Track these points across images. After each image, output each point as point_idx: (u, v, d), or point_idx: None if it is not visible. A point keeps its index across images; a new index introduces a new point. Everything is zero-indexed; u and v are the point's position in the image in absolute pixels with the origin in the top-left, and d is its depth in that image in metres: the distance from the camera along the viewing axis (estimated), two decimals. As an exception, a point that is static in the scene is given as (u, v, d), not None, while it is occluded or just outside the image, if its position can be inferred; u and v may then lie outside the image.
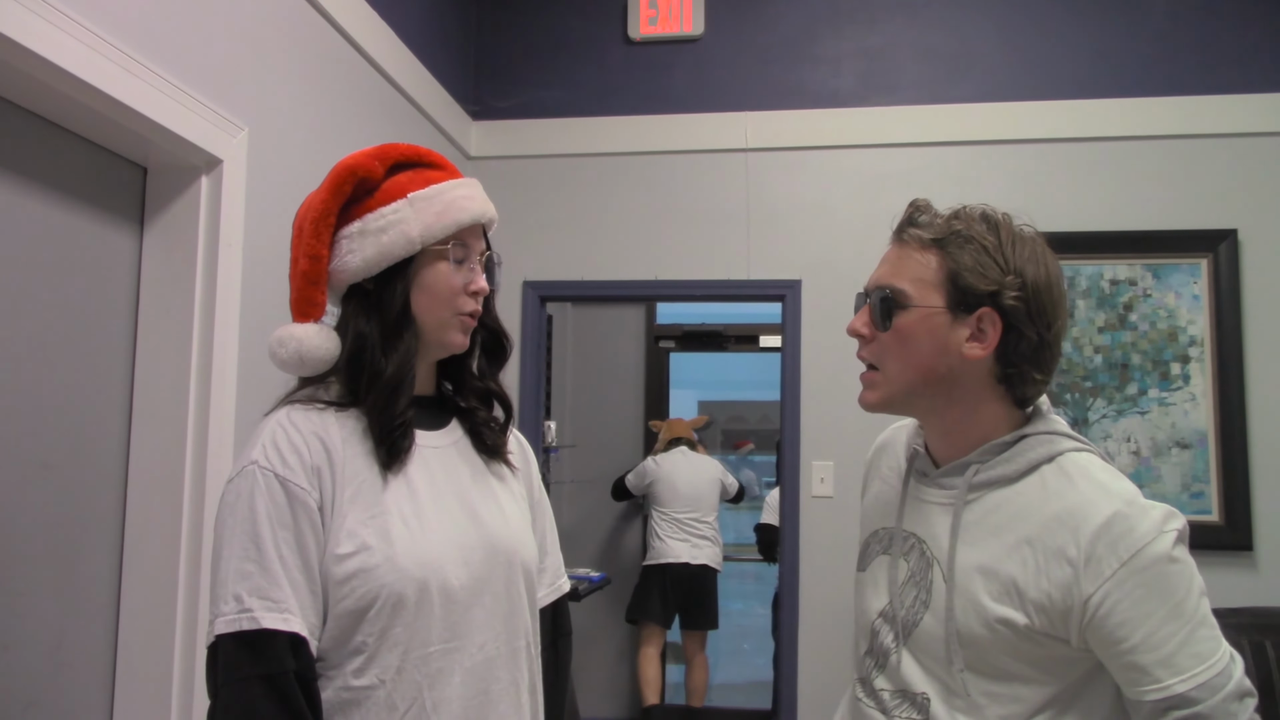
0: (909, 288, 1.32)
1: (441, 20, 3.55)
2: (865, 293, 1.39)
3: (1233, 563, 3.23)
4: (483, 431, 1.43)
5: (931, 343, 1.31)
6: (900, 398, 1.36)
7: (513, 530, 1.39)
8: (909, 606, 1.35)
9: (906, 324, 1.32)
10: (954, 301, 1.31)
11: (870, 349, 1.37)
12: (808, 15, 3.72)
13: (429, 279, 1.33)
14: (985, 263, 1.30)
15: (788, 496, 3.58)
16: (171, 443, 2.03)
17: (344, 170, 1.30)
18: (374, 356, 1.30)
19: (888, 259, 1.38)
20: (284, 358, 1.29)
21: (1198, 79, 3.44)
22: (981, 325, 1.30)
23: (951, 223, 1.34)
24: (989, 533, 1.30)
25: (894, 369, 1.34)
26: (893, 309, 1.32)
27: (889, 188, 3.56)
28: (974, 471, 1.33)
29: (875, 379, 1.37)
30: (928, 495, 1.39)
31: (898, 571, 1.39)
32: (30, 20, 1.57)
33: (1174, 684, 1.18)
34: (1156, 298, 3.38)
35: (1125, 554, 1.20)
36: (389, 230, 1.29)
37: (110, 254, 2.00)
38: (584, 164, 3.78)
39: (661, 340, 6.06)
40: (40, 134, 1.82)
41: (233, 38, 2.19)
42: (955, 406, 1.35)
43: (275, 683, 1.14)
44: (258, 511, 1.20)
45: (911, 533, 1.39)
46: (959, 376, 1.32)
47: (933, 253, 1.33)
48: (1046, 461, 1.31)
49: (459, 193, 1.35)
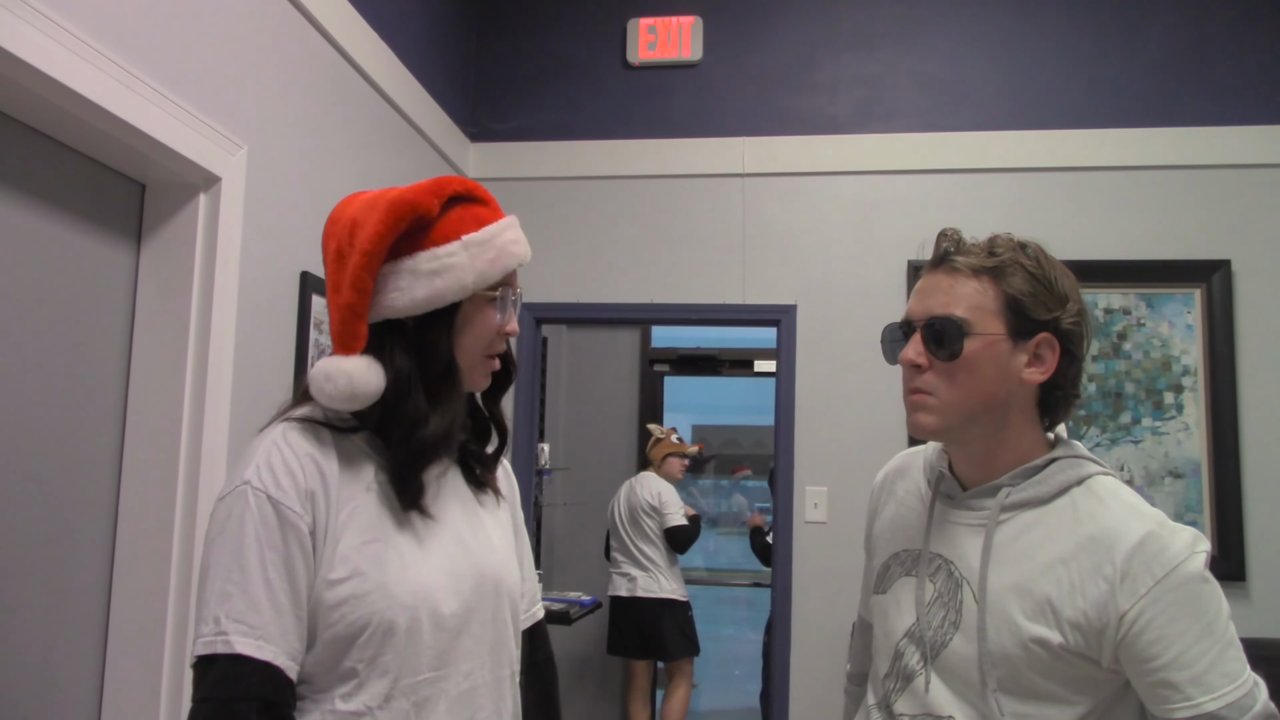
0: (969, 315, 1.32)
1: (441, 43, 3.57)
2: (907, 322, 1.38)
3: (1226, 593, 3.19)
4: (472, 464, 1.42)
5: (995, 370, 1.32)
6: (960, 425, 1.35)
7: (500, 559, 1.38)
8: (937, 627, 1.34)
9: (971, 352, 1.31)
10: (1014, 328, 1.32)
11: (927, 379, 1.34)
12: (806, 42, 3.74)
13: (475, 323, 1.32)
14: (1039, 290, 1.32)
15: (781, 522, 3.57)
16: (164, 460, 2.02)
17: (403, 205, 1.26)
18: (415, 401, 1.28)
19: (936, 288, 1.36)
20: (332, 392, 1.24)
21: (1192, 110, 3.47)
22: (1039, 351, 1.33)
23: (996, 251, 1.34)
24: (1022, 553, 1.31)
25: (954, 396, 1.33)
26: (959, 337, 1.31)
27: (885, 214, 3.58)
28: (1006, 494, 1.34)
29: (930, 403, 1.35)
30: (955, 517, 1.39)
31: (924, 592, 1.38)
32: (30, 35, 1.57)
33: (1205, 702, 1.19)
34: (1150, 327, 3.39)
35: (1160, 572, 1.22)
36: (443, 274, 1.27)
37: (107, 270, 2.00)
38: (581, 187, 3.80)
39: (656, 364, 6.07)
40: (38, 149, 1.82)
41: (233, 56, 2.20)
42: (1001, 431, 1.36)
43: (234, 708, 1.13)
44: (246, 533, 1.18)
45: (938, 554, 1.38)
46: (1013, 402, 1.34)
47: (987, 280, 1.33)
48: (1076, 484, 1.33)
49: (508, 236, 1.33)
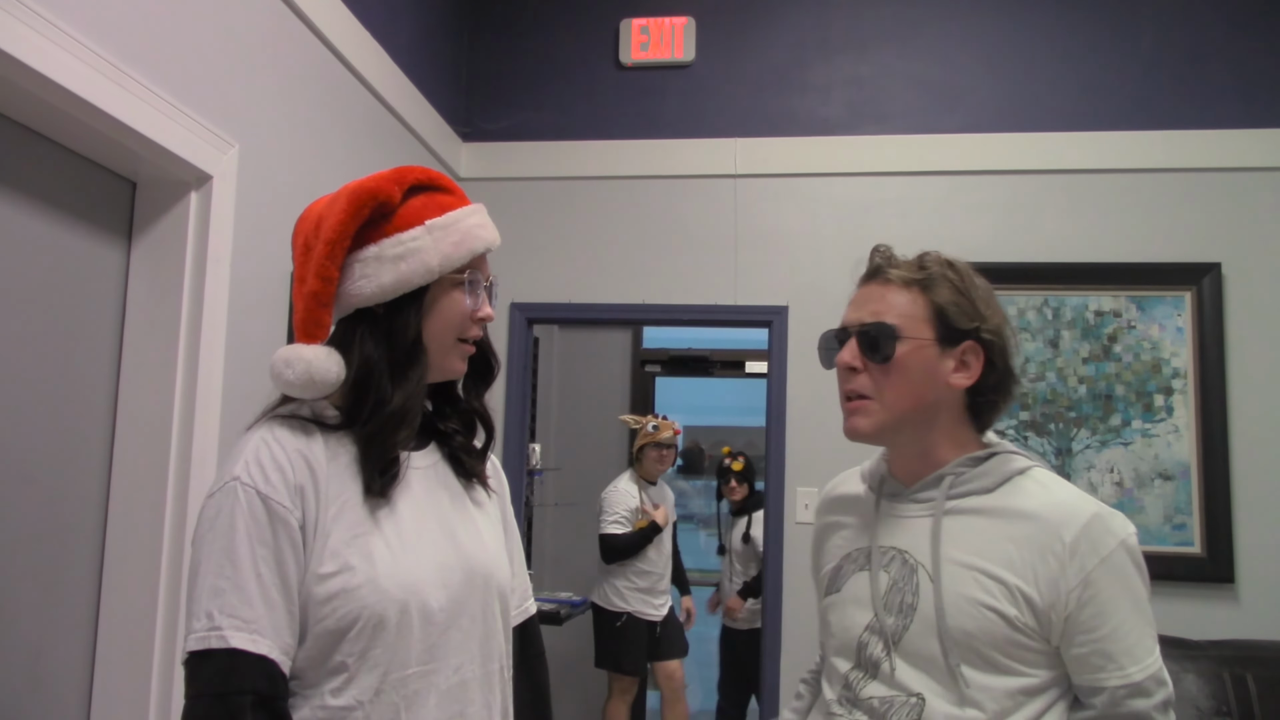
0: (900, 322, 1.41)
1: (433, 42, 3.57)
2: (842, 329, 1.47)
3: (1214, 595, 3.23)
4: (461, 457, 1.42)
5: (923, 373, 1.41)
6: (892, 426, 1.43)
7: (489, 553, 1.39)
8: (896, 613, 1.40)
9: (902, 355, 1.40)
10: (941, 335, 1.41)
11: (861, 381, 1.43)
12: (798, 43, 3.75)
13: (443, 307, 1.33)
14: (962, 302, 1.42)
15: (771, 523, 3.57)
16: (155, 458, 2.02)
17: (364, 193, 1.28)
18: (380, 384, 1.29)
19: (869, 297, 1.46)
20: (290, 379, 1.25)
21: (1184, 113, 3.48)
22: (965, 357, 1.42)
23: (925, 266, 1.44)
24: (973, 533, 1.39)
25: (889, 398, 1.42)
26: (891, 341, 1.40)
27: (877, 216, 3.59)
28: (950, 481, 1.43)
29: (868, 407, 1.43)
30: (902, 511, 1.47)
31: (879, 584, 1.43)
32: (22, 31, 1.57)
33: (1134, 672, 1.31)
34: (1140, 330, 3.40)
35: (1104, 550, 1.32)
36: (408, 258, 1.28)
37: (97, 268, 1.99)
38: (573, 187, 3.80)
39: (647, 364, 6.07)
40: (29, 146, 1.81)
41: (225, 55, 2.19)
42: (933, 432, 1.45)
43: (229, 702, 1.13)
44: (237, 528, 1.19)
45: (891, 546, 1.45)
46: (941, 404, 1.43)
47: (915, 291, 1.43)
48: (1018, 474, 1.42)
49: (474, 220, 1.35)
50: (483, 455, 1.47)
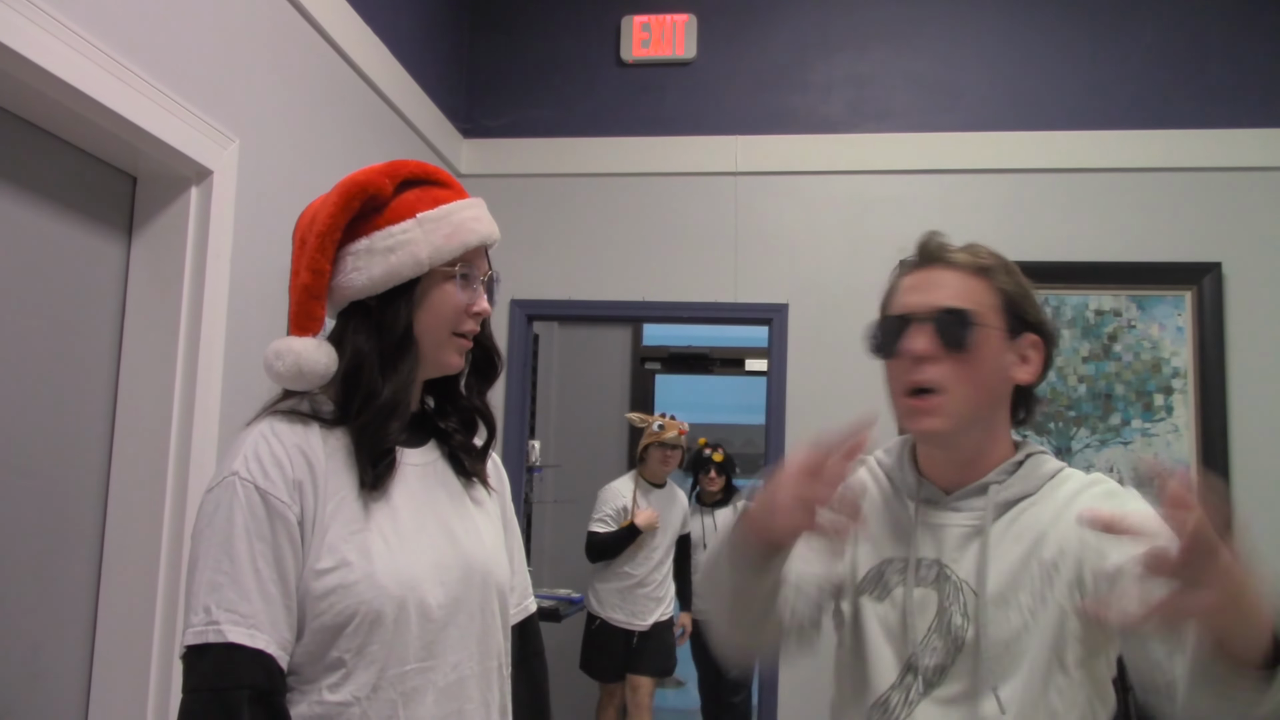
0: (977, 309, 1.32)
1: (434, 38, 3.56)
2: (904, 316, 1.35)
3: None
4: (461, 456, 1.42)
5: (995, 364, 1.33)
6: (966, 423, 1.33)
7: (488, 551, 1.39)
8: (947, 633, 1.33)
9: (980, 343, 1.31)
10: (1009, 325, 1.34)
11: (935, 372, 1.31)
12: (799, 41, 3.74)
13: (434, 300, 1.33)
14: (1021, 292, 1.36)
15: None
16: (154, 453, 2.01)
17: (353, 186, 1.28)
18: (371, 376, 1.29)
19: (933, 282, 1.35)
20: (280, 370, 1.26)
21: (1184, 113, 3.47)
22: (1027, 351, 1.36)
23: (981, 255, 1.37)
24: (1015, 540, 1.32)
25: (964, 392, 1.31)
26: (971, 328, 1.30)
27: (877, 214, 3.58)
28: (995, 491, 1.35)
29: (940, 404, 1.31)
30: (942, 519, 1.38)
31: (928, 600, 1.36)
32: (23, 25, 1.56)
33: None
34: (1141, 329, 3.40)
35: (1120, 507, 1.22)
36: (397, 250, 1.28)
37: (97, 262, 1.99)
38: (574, 184, 3.79)
39: (647, 362, 6.07)
40: (30, 140, 1.81)
41: (226, 49, 2.19)
42: (990, 431, 1.37)
43: (226, 697, 1.13)
44: (235, 523, 1.19)
45: (934, 559, 1.37)
46: (1001, 401, 1.36)
47: (984, 279, 1.35)
48: (1053, 475, 1.36)
49: (467, 214, 1.35)
50: (483, 454, 1.46)
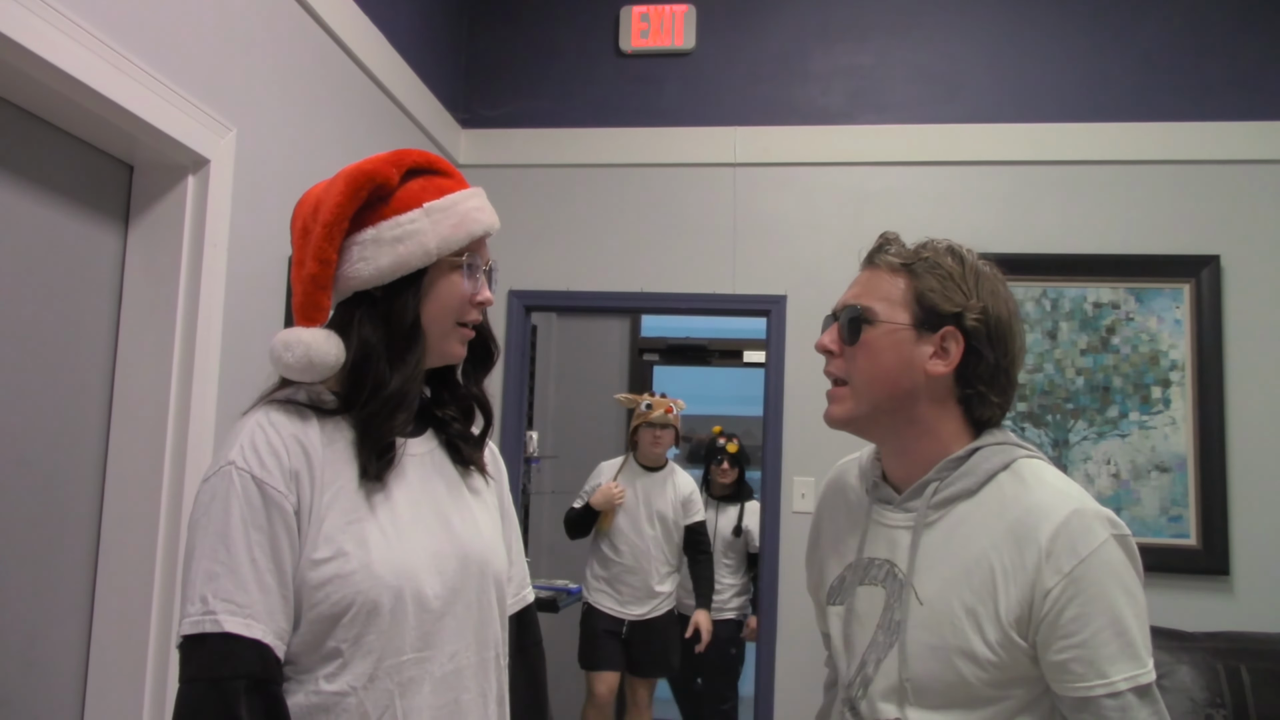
0: (877, 306, 1.40)
1: (433, 28, 3.55)
2: (834, 313, 1.47)
3: (1210, 587, 3.24)
4: (459, 445, 1.42)
5: (896, 357, 1.38)
6: (866, 413, 1.42)
7: (485, 541, 1.39)
8: (889, 629, 1.37)
9: (872, 338, 1.39)
10: (919, 319, 1.38)
11: (837, 364, 1.44)
12: (799, 32, 3.73)
13: (441, 290, 1.32)
14: (949, 287, 1.38)
15: (769, 512, 3.58)
16: (151, 442, 2.01)
17: (361, 175, 1.27)
18: (379, 367, 1.28)
19: (858, 282, 1.46)
20: (290, 361, 1.25)
21: (1184, 105, 3.47)
22: (944, 344, 1.38)
23: (919, 251, 1.43)
24: (958, 546, 1.34)
25: (861, 383, 1.41)
26: (861, 324, 1.40)
27: (876, 205, 3.58)
28: (934, 490, 1.38)
29: (843, 394, 1.44)
30: (891, 519, 1.43)
31: (877, 597, 1.41)
32: (18, 14, 1.56)
33: (1118, 681, 1.22)
34: (1139, 321, 3.39)
35: (1084, 550, 1.24)
36: (405, 240, 1.28)
37: (94, 251, 1.99)
38: (572, 175, 3.79)
39: (645, 353, 6.06)
40: (26, 129, 1.81)
41: (223, 38, 2.18)
42: (914, 425, 1.40)
43: (223, 687, 1.13)
44: (231, 513, 1.18)
45: (885, 559, 1.42)
46: (920, 393, 1.39)
47: (901, 276, 1.41)
48: (1002, 469, 1.36)
49: (471, 203, 1.35)
50: (481, 442, 1.46)
